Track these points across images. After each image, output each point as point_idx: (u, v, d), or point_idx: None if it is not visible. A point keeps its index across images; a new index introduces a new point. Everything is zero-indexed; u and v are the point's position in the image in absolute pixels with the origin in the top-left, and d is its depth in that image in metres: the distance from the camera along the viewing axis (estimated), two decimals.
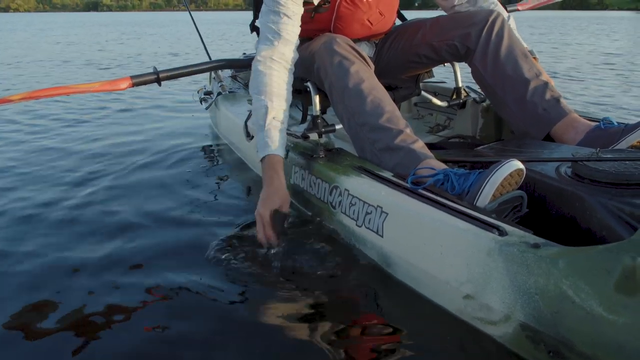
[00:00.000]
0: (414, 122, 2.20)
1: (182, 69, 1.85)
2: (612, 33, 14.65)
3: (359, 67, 1.42)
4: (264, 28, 1.47)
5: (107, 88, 1.73)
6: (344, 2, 1.55)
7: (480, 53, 1.53)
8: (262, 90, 1.41)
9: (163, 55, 8.84)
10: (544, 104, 1.44)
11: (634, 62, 6.72)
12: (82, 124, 3.26)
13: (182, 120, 3.29)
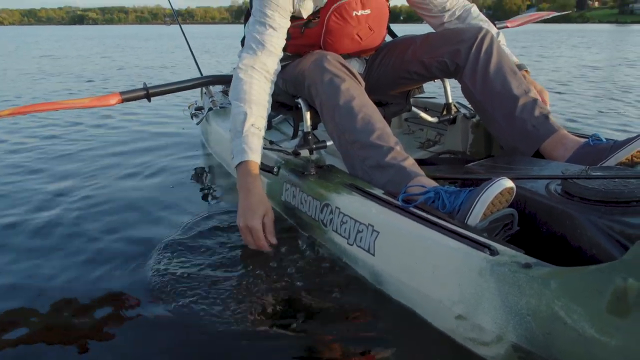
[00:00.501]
0: (405, 138, 2.21)
1: (172, 84, 1.85)
2: (592, 46, 14.90)
3: (349, 85, 1.43)
4: (249, 37, 1.50)
5: (97, 104, 1.73)
6: (334, 16, 1.55)
7: (470, 70, 1.55)
8: (241, 98, 1.41)
9: (150, 68, 8.81)
10: (533, 121, 1.46)
11: (611, 77, 6.82)
12: (70, 139, 3.22)
13: (173, 136, 3.27)
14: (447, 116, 1.89)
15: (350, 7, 1.54)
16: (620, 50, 13.33)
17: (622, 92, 5.36)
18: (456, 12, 1.73)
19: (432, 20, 1.78)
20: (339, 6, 1.54)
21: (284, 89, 1.69)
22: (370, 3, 1.57)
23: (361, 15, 1.57)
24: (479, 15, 1.75)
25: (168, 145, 2.92)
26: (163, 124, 3.65)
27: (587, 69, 7.77)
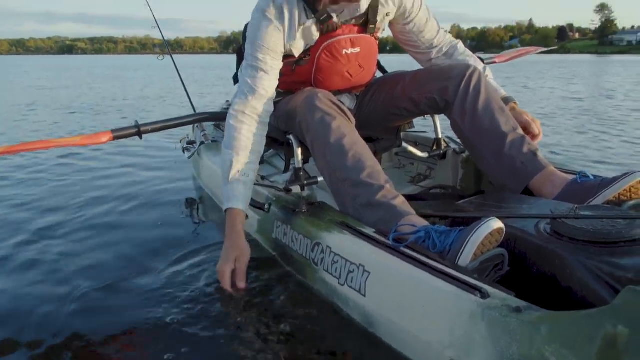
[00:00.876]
0: (396, 171, 2.23)
1: (163, 122, 1.85)
2: (573, 77, 15.24)
3: (340, 123, 1.44)
4: (241, 81, 1.54)
5: (88, 142, 1.73)
6: (324, 55, 1.58)
7: (458, 106, 1.57)
8: (230, 145, 1.49)
9: (142, 99, 8.83)
10: (521, 157, 1.47)
11: (592, 109, 6.95)
12: (58, 174, 3.20)
13: (164, 169, 3.25)
14: (437, 151, 1.92)
15: (340, 46, 1.57)
16: (600, 81, 13.65)
17: (600, 124, 5.47)
18: (443, 48, 1.76)
19: (420, 56, 1.80)
20: (329, 45, 1.57)
21: (276, 125, 1.70)
22: (360, 42, 1.60)
23: (351, 53, 1.60)
24: (465, 51, 1.78)
25: (159, 180, 2.91)
26: (154, 157, 3.63)
27: (569, 101, 7.92)
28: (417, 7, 1.67)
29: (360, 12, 1.55)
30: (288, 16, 1.50)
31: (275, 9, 1.49)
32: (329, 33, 1.55)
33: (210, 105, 7.44)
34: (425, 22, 1.71)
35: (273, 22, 1.50)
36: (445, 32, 1.78)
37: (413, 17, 1.68)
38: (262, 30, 1.50)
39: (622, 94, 9.62)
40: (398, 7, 1.63)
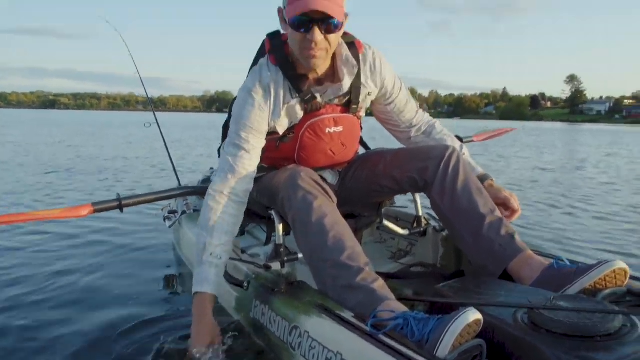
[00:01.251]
0: (377, 246, 2.24)
1: (146, 195, 1.84)
2: (545, 146, 15.69)
3: (322, 202, 1.45)
4: (223, 159, 1.57)
5: (68, 215, 1.71)
6: (307, 133, 1.61)
7: (438, 186, 1.60)
8: (204, 226, 1.51)
9: (123, 159, 8.78)
10: (499, 240, 1.49)
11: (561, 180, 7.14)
12: (33, 240, 3.12)
13: (144, 239, 3.18)
14: (417, 228, 1.94)
15: (323, 125, 1.61)
16: (572, 150, 14.10)
17: (571, 197, 5.60)
18: (422, 127, 1.82)
19: (400, 134, 1.85)
20: (312, 123, 1.60)
21: (258, 200, 1.71)
22: (343, 121, 1.64)
23: (334, 132, 1.63)
24: (443, 130, 1.84)
25: (138, 248, 2.87)
26: (133, 225, 3.56)
27: (541, 172, 8.13)
28: (398, 88, 1.74)
29: (343, 91, 1.60)
30: (273, 95, 1.55)
31: (261, 88, 1.54)
32: (313, 112, 1.60)
33: (192, 167, 7.45)
34: (405, 103, 1.77)
35: (258, 101, 1.54)
36: (424, 112, 1.84)
37: (394, 98, 1.74)
38: (247, 110, 1.54)
39: (592, 164, 9.95)
40: (380, 89, 1.70)
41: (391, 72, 1.71)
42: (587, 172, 8.35)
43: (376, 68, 1.65)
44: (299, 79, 1.55)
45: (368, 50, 1.64)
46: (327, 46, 1.46)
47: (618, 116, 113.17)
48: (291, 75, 1.55)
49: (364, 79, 1.64)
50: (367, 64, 1.64)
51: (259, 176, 1.63)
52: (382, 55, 1.68)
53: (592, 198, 5.61)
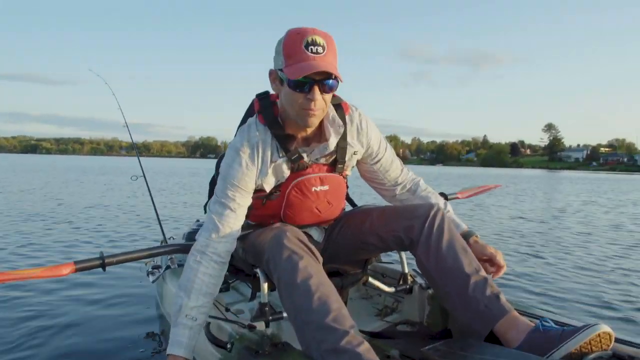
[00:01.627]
0: (363, 303, 2.22)
1: (129, 254, 1.81)
2: (524, 194, 15.86)
3: (307, 262, 1.45)
4: (208, 218, 1.57)
5: (49, 274, 1.66)
6: (294, 191, 1.62)
7: (423, 245, 1.60)
8: (183, 286, 1.52)
9: (103, 208, 8.66)
10: (485, 300, 1.49)
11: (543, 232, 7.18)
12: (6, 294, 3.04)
13: (126, 295, 3.11)
14: (403, 286, 1.94)
15: (309, 184, 1.63)
16: (551, 198, 14.30)
17: (548, 247, 5.66)
18: (407, 185, 1.84)
19: (385, 192, 1.87)
20: (299, 182, 1.62)
21: (243, 258, 1.70)
22: (329, 180, 1.66)
23: (320, 190, 1.65)
24: (427, 188, 1.86)
25: (120, 304, 2.80)
26: (115, 278, 3.50)
27: (521, 222, 8.20)
28: (383, 148, 1.78)
29: (329, 150, 1.63)
30: (261, 154, 1.57)
31: (249, 147, 1.56)
32: (300, 171, 1.62)
33: (177, 216, 7.38)
34: (390, 163, 1.81)
35: (246, 160, 1.56)
36: (408, 170, 1.88)
37: (380, 157, 1.78)
38: (234, 168, 1.56)
39: (570, 213, 10.09)
40: (366, 149, 1.73)
41: (377, 132, 1.76)
42: (567, 222, 8.45)
43: (362, 129, 1.70)
44: (287, 138, 1.58)
45: (354, 112, 1.69)
46: (324, 105, 1.50)
47: (595, 163, 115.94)
48: (279, 135, 1.58)
49: (350, 138, 1.67)
50: (354, 124, 1.68)
51: (245, 234, 1.63)
52: (368, 118, 1.73)
53: (572, 248, 5.68)
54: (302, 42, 1.41)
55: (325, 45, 1.44)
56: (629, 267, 4.63)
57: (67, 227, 6.25)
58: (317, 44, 1.42)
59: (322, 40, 1.43)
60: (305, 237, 1.56)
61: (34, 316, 2.60)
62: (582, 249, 5.60)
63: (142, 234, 5.86)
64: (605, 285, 3.88)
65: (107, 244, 5.10)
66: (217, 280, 1.55)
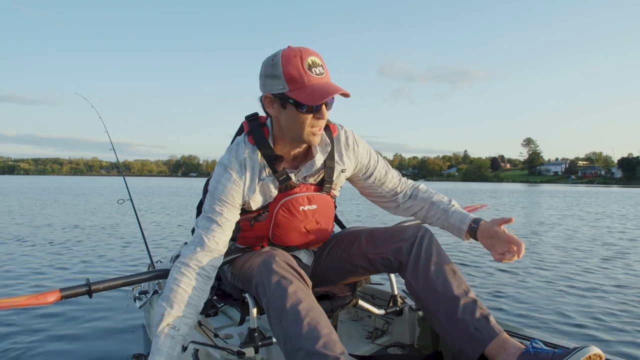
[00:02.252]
0: (353, 325, 2.21)
1: (116, 280, 1.76)
2: (504, 210, 16.02)
3: (296, 287, 1.44)
4: (195, 232, 1.56)
5: (33, 302, 1.62)
6: (281, 211, 1.62)
7: (411, 268, 1.60)
8: (165, 297, 1.47)
9: (86, 230, 8.52)
10: (475, 323, 1.49)
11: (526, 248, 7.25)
12: None
13: (113, 319, 3.05)
14: (393, 308, 1.93)
15: (297, 203, 1.63)
16: (531, 213, 14.45)
17: (528, 264, 5.69)
18: (407, 192, 1.84)
19: (387, 204, 1.87)
20: (286, 202, 1.62)
21: (232, 282, 1.69)
22: (317, 199, 1.66)
23: (308, 210, 1.65)
24: (428, 190, 1.85)
25: (106, 329, 2.75)
26: (102, 303, 3.43)
27: None
28: (374, 160, 1.78)
29: (315, 167, 1.63)
30: (249, 172, 1.57)
31: (237, 163, 1.57)
32: (287, 191, 1.62)
33: (160, 239, 7.29)
34: (385, 174, 1.81)
35: (234, 176, 1.56)
36: (407, 179, 1.87)
37: (372, 170, 1.78)
38: (222, 183, 1.56)
39: (548, 226, 10.20)
40: (355, 164, 1.74)
41: (365, 146, 1.76)
42: (545, 237, 8.54)
43: (349, 145, 1.71)
44: (276, 159, 1.58)
45: (341, 130, 1.70)
46: (325, 121, 1.53)
47: (574, 176, 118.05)
48: (268, 155, 1.58)
49: (338, 156, 1.68)
50: (341, 142, 1.69)
51: (233, 258, 1.62)
52: (355, 133, 1.74)
53: (557, 263, 5.75)
54: (304, 64, 1.42)
55: (323, 64, 1.46)
56: (615, 284, 4.69)
57: (50, 251, 6.12)
58: (318, 64, 1.44)
59: (320, 60, 1.45)
60: (294, 261, 1.55)
61: (19, 342, 2.53)
62: (566, 265, 5.66)
63: (129, 255, 5.77)
64: (591, 302, 3.92)
65: (92, 269, 5.02)
66: (200, 293, 1.51)
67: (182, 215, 12.04)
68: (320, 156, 1.63)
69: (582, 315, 3.46)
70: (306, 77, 1.42)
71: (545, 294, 4.19)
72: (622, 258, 6.17)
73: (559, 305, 3.78)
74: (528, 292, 4.26)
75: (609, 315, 3.47)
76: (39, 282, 4.35)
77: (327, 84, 1.44)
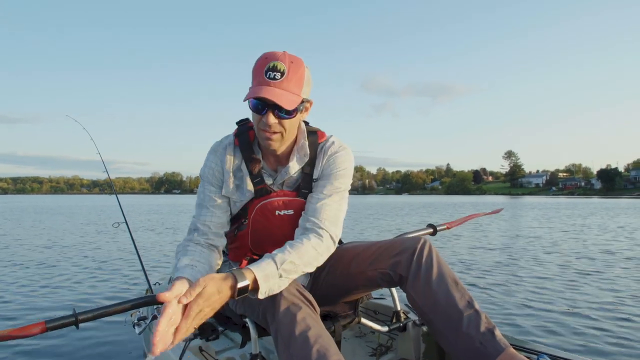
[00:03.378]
0: (357, 342, 2.18)
1: (104, 308, 1.57)
2: (487, 223, 16.07)
3: (305, 314, 1.41)
4: (192, 220, 1.64)
5: (17, 334, 1.49)
6: (257, 215, 1.63)
7: (412, 281, 1.58)
8: (174, 272, 1.47)
9: (79, 255, 8.35)
10: (480, 337, 1.47)
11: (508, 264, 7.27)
12: None
13: (113, 343, 2.98)
14: (396, 324, 1.90)
15: (272, 207, 1.63)
16: (513, 227, 14.53)
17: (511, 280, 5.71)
18: (307, 226, 1.66)
19: None
20: (261, 205, 1.63)
21: (232, 307, 1.67)
22: (293, 204, 1.65)
23: (284, 214, 1.63)
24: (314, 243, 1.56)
25: (105, 355, 2.70)
26: (98, 329, 3.35)
27: (482, 252, 8.21)
28: (330, 183, 1.66)
29: (289, 174, 1.64)
30: (229, 160, 1.63)
31: (222, 148, 1.64)
32: (263, 196, 1.63)
33: (156, 259, 7.20)
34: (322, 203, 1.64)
35: (217, 157, 1.63)
36: (331, 239, 1.67)
37: (322, 184, 1.68)
38: (208, 166, 1.64)
39: (526, 241, 10.25)
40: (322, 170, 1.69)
41: (345, 163, 1.68)
42: (536, 251, 8.58)
43: (329, 153, 1.67)
44: (253, 161, 1.62)
45: (329, 140, 1.69)
46: (282, 130, 1.52)
47: (554, 188, 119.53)
48: (247, 157, 1.63)
49: (318, 166, 1.66)
50: (326, 151, 1.67)
51: None
52: (345, 148, 1.70)
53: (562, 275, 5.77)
54: (265, 66, 1.46)
55: (287, 71, 1.46)
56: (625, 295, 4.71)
57: (34, 278, 5.95)
58: (277, 70, 1.45)
59: (283, 67, 1.46)
60: (302, 286, 1.52)
61: None
62: (574, 277, 5.63)
63: (125, 275, 5.63)
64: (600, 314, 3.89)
65: (81, 297, 4.91)
66: (207, 262, 1.52)
67: (176, 234, 11.90)
68: (294, 164, 1.63)
69: (590, 328, 3.43)
70: (259, 77, 1.46)
71: (552, 306, 4.15)
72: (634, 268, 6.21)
73: (566, 317, 3.75)
74: (534, 303, 4.22)
75: (619, 327, 3.46)
76: (22, 312, 4.22)
77: (269, 88, 1.44)
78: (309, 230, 1.56)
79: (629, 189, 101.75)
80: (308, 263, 1.48)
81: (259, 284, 1.33)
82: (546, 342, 3.02)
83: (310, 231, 1.56)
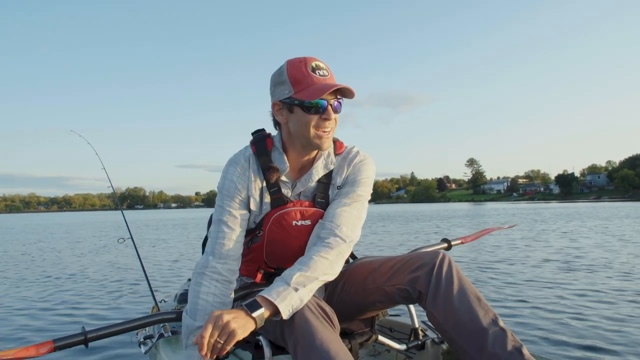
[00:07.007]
0: None
1: (116, 326, 1.59)
2: (451, 230, 16.35)
3: (325, 330, 1.35)
4: (209, 238, 1.56)
5: (24, 355, 1.45)
6: (273, 226, 1.56)
7: (432, 297, 1.51)
8: (188, 310, 1.49)
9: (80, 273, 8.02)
10: (506, 356, 1.40)
11: None
12: None
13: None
14: (414, 342, 1.82)
15: (289, 217, 1.56)
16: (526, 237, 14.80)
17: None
18: (324, 234, 1.62)
19: None
20: (277, 216, 1.56)
21: None
22: (310, 214, 1.58)
23: (301, 225, 1.57)
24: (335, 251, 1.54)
25: None
26: (102, 348, 3.23)
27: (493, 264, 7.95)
28: (359, 189, 1.63)
29: (311, 181, 1.59)
30: (250, 171, 1.57)
31: (243, 159, 1.58)
32: (280, 206, 1.57)
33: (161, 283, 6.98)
34: (341, 204, 1.63)
35: (239, 169, 1.56)
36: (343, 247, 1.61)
37: (346, 191, 1.65)
38: (228, 178, 1.56)
39: (489, 253, 10.36)
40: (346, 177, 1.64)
41: (368, 171, 1.66)
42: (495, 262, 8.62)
43: (353, 162, 1.64)
44: (271, 171, 1.56)
45: (350, 149, 1.66)
46: (334, 126, 1.52)
47: (515, 194, 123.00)
48: (265, 166, 1.57)
49: (338, 176, 1.63)
50: (349, 162, 1.63)
51: (244, 294, 1.54)
52: (368, 158, 1.67)
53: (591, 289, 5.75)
54: (308, 67, 1.46)
55: (327, 68, 1.50)
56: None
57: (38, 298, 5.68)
58: (322, 68, 1.48)
59: (324, 65, 1.49)
60: (323, 303, 1.47)
61: None
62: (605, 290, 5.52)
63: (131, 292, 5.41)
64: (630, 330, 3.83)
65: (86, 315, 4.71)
66: (222, 298, 1.49)
67: None
68: (320, 170, 1.59)
69: (618, 345, 3.33)
70: (310, 78, 1.45)
71: (579, 323, 3.97)
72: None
73: (596, 332, 3.63)
74: (560, 317, 4.09)
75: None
76: (28, 332, 4.06)
77: (329, 82, 1.46)
78: (320, 239, 1.53)
79: (585, 193, 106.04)
80: (324, 273, 1.46)
81: (277, 307, 1.32)
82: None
83: (320, 241, 1.52)
